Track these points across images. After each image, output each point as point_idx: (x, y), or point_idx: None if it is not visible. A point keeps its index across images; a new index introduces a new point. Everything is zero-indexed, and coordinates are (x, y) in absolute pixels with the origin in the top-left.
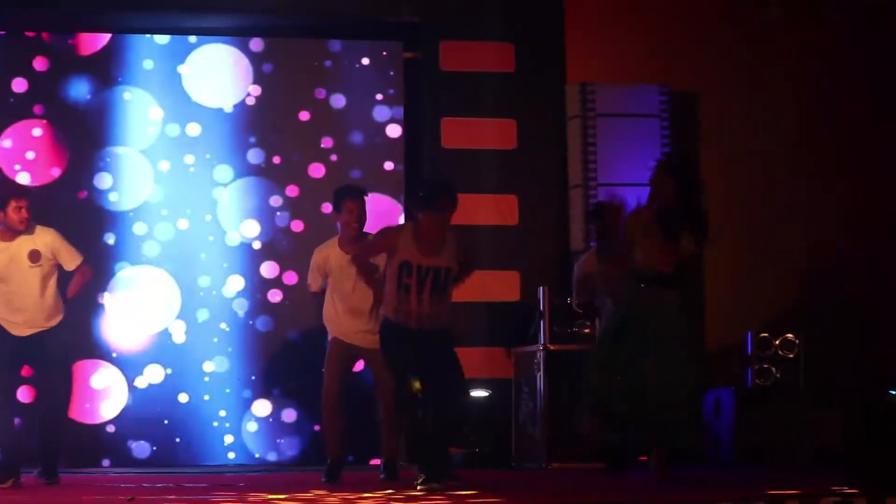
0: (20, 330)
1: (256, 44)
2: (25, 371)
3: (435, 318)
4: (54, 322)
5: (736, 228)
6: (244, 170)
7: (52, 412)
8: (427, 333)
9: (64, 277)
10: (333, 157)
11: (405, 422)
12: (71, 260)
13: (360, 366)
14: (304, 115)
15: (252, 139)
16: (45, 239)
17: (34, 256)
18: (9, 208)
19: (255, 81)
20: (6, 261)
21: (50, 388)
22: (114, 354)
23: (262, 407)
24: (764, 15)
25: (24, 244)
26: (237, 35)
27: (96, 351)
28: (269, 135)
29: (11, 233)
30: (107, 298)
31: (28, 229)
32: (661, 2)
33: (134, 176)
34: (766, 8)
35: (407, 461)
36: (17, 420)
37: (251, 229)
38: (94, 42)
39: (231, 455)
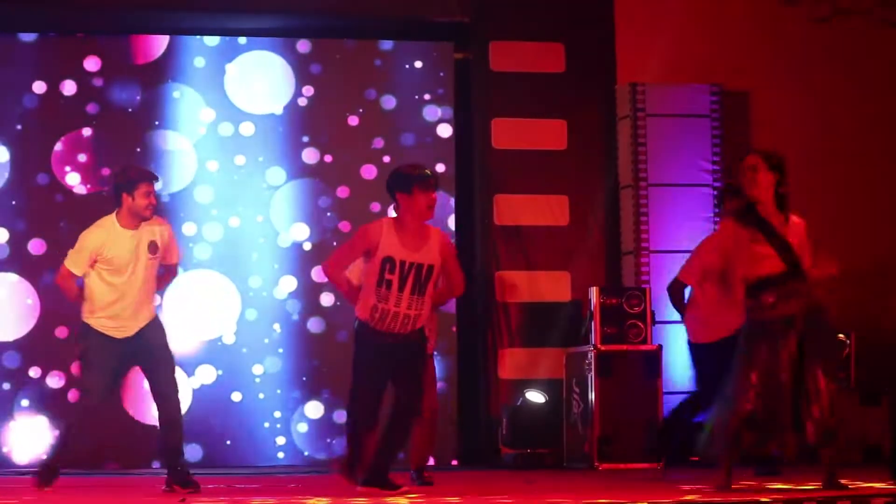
0: (123, 331)
1: (305, 45)
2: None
3: (412, 322)
4: (153, 316)
5: None
6: (295, 171)
7: (178, 410)
8: (400, 346)
9: None
10: (386, 158)
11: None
12: (175, 256)
13: None
14: (355, 116)
15: (304, 139)
16: (161, 231)
17: (153, 248)
18: (137, 193)
19: (306, 83)
20: (130, 250)
21: (171, 386)
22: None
23: (314, 408)
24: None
25: (145, 234)
26: (287, 36)
27: None
28: (320, 136)
29: (137, 220)
30: (158, 299)
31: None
32: (711, 0)
33: (185, 177)
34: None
35: None
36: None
37: (301, 231)
38: (145, 43)
39: (281, 455)
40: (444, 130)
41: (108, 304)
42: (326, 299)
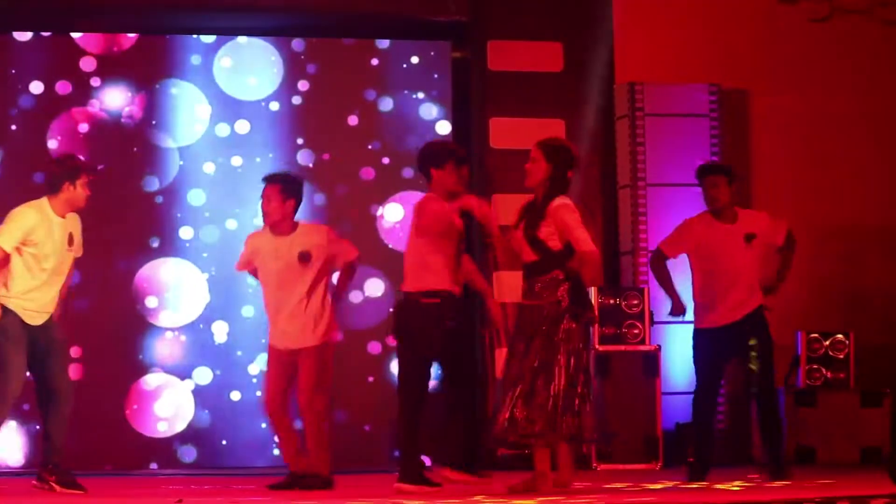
0: (37, 319)
1: (300, 44)
2: None
3: None
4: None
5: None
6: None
7: (70, 407)
8: None
9: None
10: (385, 160)
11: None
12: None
13: None
14: (352, 115)
15: (300, 140)
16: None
17: (71, 240)
18: (80, 182)
19: (301, 81)
20: (59, 239)
21: (67, 382)
22: (161, 357)
23: None
24: None
25: (69, 224)
26: (283, 35)
27: (145, 354)
28: (316, 136)
29: (68, 209)
30: (153, 301)
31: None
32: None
33: (180, 177)
34: None
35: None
36: None
37: None
38: (140, 42)
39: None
40: (442, 129)
41: (28, 289)
42: None
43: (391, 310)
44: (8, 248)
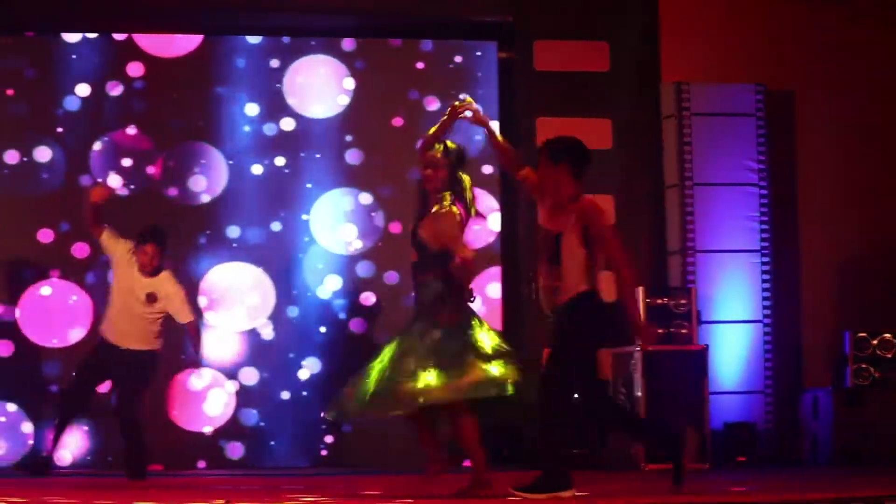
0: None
1: (349, 44)
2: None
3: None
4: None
5: (832, 230)
6: (339, 171)
7: None
8: None
9: None
10: None
11: None
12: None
13: None
14: (398, 116)
15: (348, 139)
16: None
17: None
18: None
19: (348, 82)
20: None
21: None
22: (210, 357)
23: None
24: None
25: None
26: (331, 35)
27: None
28: (364, 136)
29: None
30: (201, 301)
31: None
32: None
33: (229, 176)
34: None
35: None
36: None
37: (347, 231)
38: (188, 43)
39: (325, 454)
40: None
41: None
42: (370, 299)
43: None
44: None
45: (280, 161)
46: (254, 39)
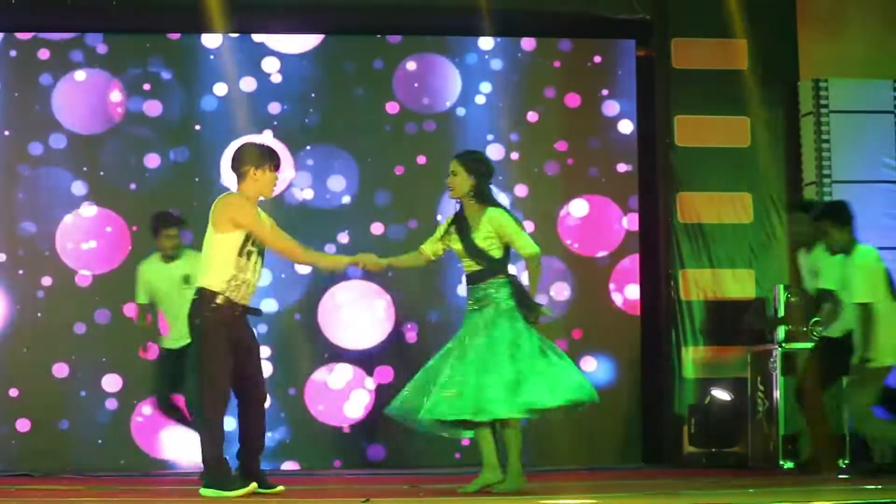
0: None
1: (487, 42)
2: None
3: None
4: None
5: None
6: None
7: None
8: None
9: None
10: (570, 161)
11: None
12: None
13: None
14: (534, 113)
15: (489, 137)
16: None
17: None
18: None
19: (487, 80)
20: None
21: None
22: (346, 355)
23: None
24: None
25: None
26: (467, 34)
27: (330, 351)
28: (503, 134)
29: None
30: (339, 297)
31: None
32: None
33: (367, 177)
34: None
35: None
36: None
37: None
38: (322, 42)
39: (459, 456)
40: (626, 129)
41: None
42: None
43: None
44: None
45: (421, 160)
46: (391, 39)
